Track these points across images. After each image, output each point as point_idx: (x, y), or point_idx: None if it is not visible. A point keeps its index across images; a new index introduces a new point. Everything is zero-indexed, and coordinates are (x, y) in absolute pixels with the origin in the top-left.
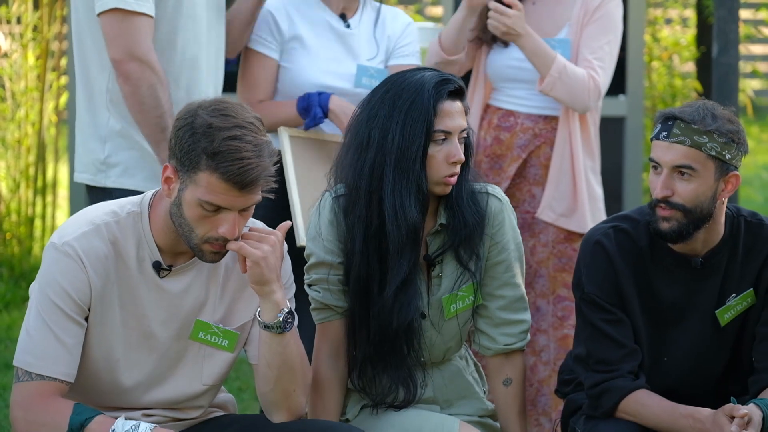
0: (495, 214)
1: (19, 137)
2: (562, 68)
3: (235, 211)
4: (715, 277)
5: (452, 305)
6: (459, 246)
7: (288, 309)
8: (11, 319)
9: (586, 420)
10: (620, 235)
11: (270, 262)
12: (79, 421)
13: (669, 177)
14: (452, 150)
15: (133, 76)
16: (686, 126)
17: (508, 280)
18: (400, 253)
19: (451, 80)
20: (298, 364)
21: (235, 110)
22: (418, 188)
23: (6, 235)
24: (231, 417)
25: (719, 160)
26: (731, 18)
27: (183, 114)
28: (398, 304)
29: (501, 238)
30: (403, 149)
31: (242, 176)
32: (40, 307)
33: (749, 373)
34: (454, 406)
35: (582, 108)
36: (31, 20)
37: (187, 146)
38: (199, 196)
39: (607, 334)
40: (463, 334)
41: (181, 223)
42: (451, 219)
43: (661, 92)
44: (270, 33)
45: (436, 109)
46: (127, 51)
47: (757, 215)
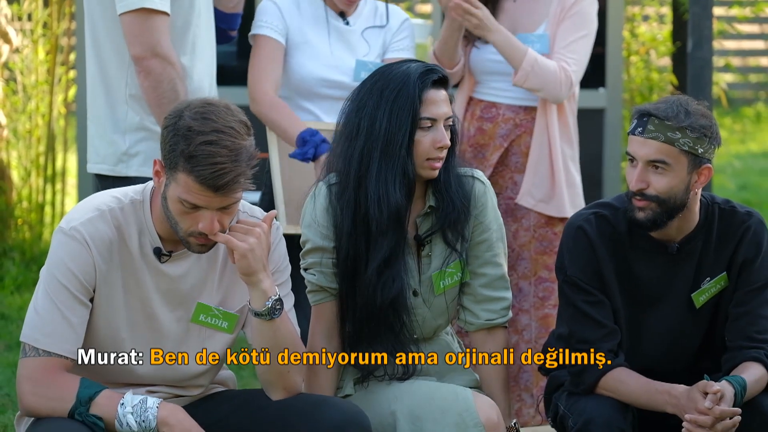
0: (479, 196)
1: (30, 128)
2: (534, 61)
3: (213, 210)
4: (690, 261)
5: (441, 282)
6: (447, 228)
7: (276, 296)
8: (23, 301)
9: (568, 396)
10: (601, 221)
11: (256, 253)
12: (88, 394)
13: (644, 171)
14: (438, 136)
15: (155, 71)
16: (660, 122)
17: (490, 259)
18: (382, 234)
19: (436, 70)
20: (290, 346)
21: (218, 113)
22: (403, 173)
23: (18, 221)
24: (231, 392)
25: (692, 155)
26: (705, 15)
27: (171, 113)
28: (381, 282)
29: (484, 218)
30: (390, 136)
31: (215, 180)
32: (48, 287)
33: (722, 351)
34: (447, 378)
35: (555, 98)
36: (41, 17)
37: (169, 146)
38: (178, 194)
39: (588, 314)
40: (451, 311)
41: (168, 216)
42: (439, 202)
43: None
44: (277, 19)
45: (421, 98)
46: (150, 48)
47: (730, 202)
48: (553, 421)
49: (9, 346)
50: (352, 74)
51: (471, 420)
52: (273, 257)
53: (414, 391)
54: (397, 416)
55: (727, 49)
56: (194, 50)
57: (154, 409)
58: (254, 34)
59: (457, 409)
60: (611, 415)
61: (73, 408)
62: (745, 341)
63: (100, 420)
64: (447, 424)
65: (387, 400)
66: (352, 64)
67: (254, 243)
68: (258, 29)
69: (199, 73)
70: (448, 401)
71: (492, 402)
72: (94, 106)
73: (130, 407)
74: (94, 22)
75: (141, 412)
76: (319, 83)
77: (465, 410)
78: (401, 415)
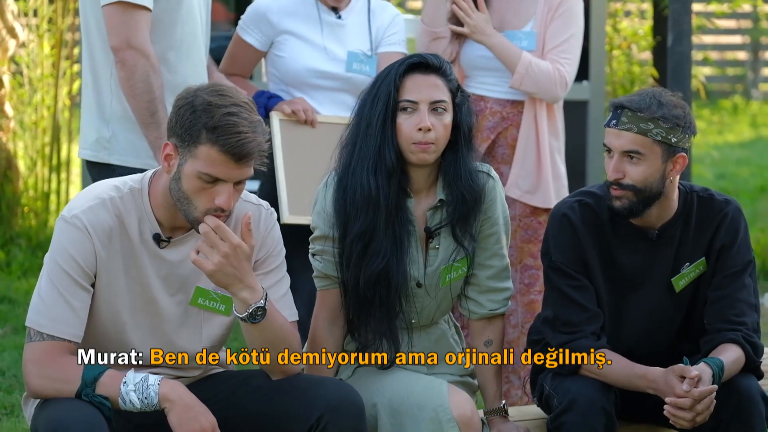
0: (488, 191)
1: (35, 120)
2: (528, 64)
3: (231, 183)
4: (670, 247)
5: (447, 275)
6: (456, 224)
7: (258, 304)
8: (29, 285)
9: (553, 377)
10: (584, 208)
11: (226, 270)
12: (93, 375)
13: (619, 161)
14: (418, 118)
15: (128, 63)
16: (633, 114)
17: (497, 252)
18: (357, 212)
19: (422, 56)
20: (279, 340)
21: (231, 92)
22: (378, 154)
23: (24, 209)
24: (229, 372)
25: (666, 144)
26: (684, 10)
27: (183, 95)
28: (365, 260)
29: (492, 213)
30: (369, 120)
31: (239, 148)
32: (51, 274)
33: (701, 334)
34: (438, 366)
35: (551, 98)
36: (47, 13)
37: (188, 123)
38: (198, 168)
39: (572, 298)
40: (452, 301)
41: (179, 197)
42: (449, 196)
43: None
44: (256, 25)
45: (401, 81)
46: (125, 40)
47: (708, 190)
48: (539, 401)
49: (16, 329)
50: (344, 66)
51: (444, 415)
52: (266, 242)
53: (395, 385)
54: (378, 409)
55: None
56: (181, 47)
57: (155, 386)
58: (235, 32)
59: (432, 405)
60: (594, 396)
61: (80, 389)
62: (723, 324)
63: (106, 400)
64: (423, 419)
65: (370, 392)
66: (344, 56)
67: (220, 262)
68: (238, 29)
69: (185, 68)
70: (424, 396)
71: (468, 397)
72: (85, 94)
73: (132, 385)
74: (86, 14)
75: (143, 390)
76: (313, 74)
77: (439, 405)
78: (382, 408)
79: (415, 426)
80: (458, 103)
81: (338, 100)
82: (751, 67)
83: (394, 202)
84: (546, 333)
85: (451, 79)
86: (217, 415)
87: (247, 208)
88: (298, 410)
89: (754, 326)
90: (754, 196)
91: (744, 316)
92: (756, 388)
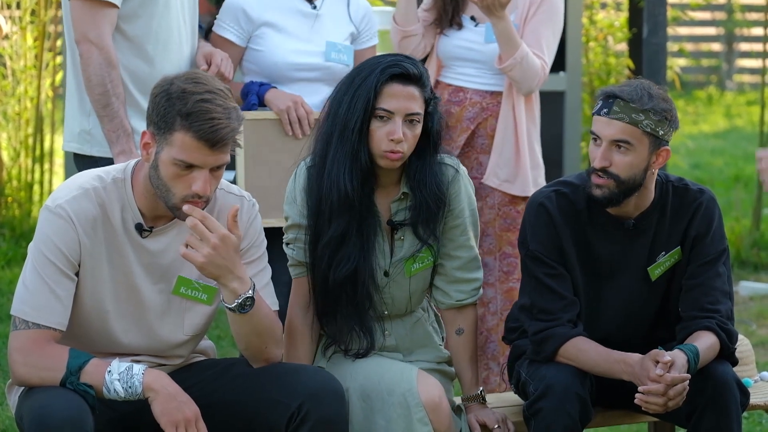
0: (453, 182)
1: (19, 111)
2: (525, 55)
3: (207, 169)
4: (646, 236)
5: (412, 265)
6: (419, 224)
7: (246, 294)
8: (13, 275)
9: (529, 364)
10: (561, 198)
11: (216, 262)
12: (78, 363)
13: (608, 149)
14: (391, 129)
15: (85, 55)
16: (625, 104)
17: (464, 243)
18: (334, 214)
19: (403, 65)
20: (265, 329)
21: (206, 79)
22: (354, 158)
23: (8, 199)
24: (211, 361)
25: (653, 136)
26: (660, 2)
27: (159, 83)
28: (335, 261)
29: (456, 205)
30: (346, 121)
31: (213, 134)
32: (36, 263)
33: (676, 321)
34: (414, 354)
35: (527, 91)
36: (30, 5)
37: (163, 110)
38: (173, 155)
39: (549, 286)
40: (422, 290)
41: (158, 185)
42: (413, 200)
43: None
44: (235, 20)
45: (379, 89)
46: (83, 33)
47: (683, 180)
48: (516, 388)
49: (0, 318)
50: (322, 56)
51: (412, 400)
52: (249, 232)
53: (367, 370)
54: (350, 393)
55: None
56: (158, 40)
57: (139, 376)
58: (213, 31)
59: (401, 390)
60: (570, 382)
61: (65, 377)
62: (698, 311)
63: (90, 388)
64: (392, 404)
65: (343, 377)
66: (322, 47)
67: (210, 254)
68: (216, 27)
69: (163, 61)
70: (393, 382)
71: (436, 382)
72: (68, 86)
73: (116, 374)
74: (66, 8)
75: (127, 379)
76: (291, 67)
77: (408, 390)
78: (354, 393)
79: (385, 410)
80: (430, 112)
81: (316, 90)
82: (726, 59)
83: (366, 202)
84: (523, 320)
85: (427, 87)
86: (199, 402)
87: (229, 199)
88: (279, 398)
89: (728, 314)
90: (728, 186)
91: (718, 304)
92: (731, 374)
